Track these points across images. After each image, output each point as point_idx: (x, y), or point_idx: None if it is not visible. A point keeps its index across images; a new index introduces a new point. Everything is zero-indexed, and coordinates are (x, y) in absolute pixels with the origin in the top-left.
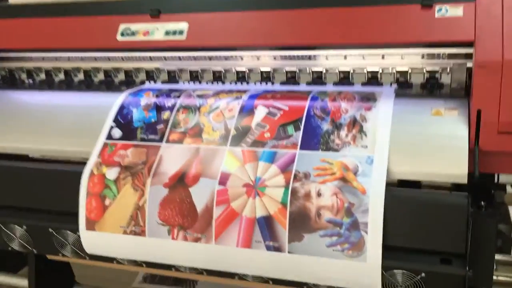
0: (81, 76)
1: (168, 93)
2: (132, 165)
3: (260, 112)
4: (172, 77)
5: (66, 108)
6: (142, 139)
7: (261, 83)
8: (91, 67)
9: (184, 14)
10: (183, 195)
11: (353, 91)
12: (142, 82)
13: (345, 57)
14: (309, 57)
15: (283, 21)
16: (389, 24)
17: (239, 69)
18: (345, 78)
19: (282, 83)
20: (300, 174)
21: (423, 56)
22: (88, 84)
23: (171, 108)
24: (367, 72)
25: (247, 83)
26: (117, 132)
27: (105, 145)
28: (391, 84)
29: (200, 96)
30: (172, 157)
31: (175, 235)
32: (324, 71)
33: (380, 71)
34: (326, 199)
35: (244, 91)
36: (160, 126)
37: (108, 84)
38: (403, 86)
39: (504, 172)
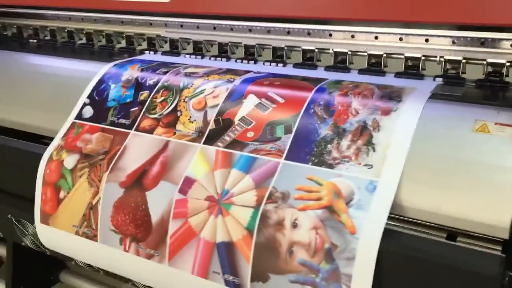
0: (84, 39)
1: (156, 68)
2: (93, 153)
3: (249, 102)
4: (175, 48)
5: (52, 76)
6: (111, 123)
7: (270, 63)
8: (93, 29)
9: None
10: (138, 199)
11: (377, 85)
12: (143, 52)
13: (376, 37)
14: (330, 34)
15: None
16: None
17: (247, 42)
18: (375, 65)
19: (297, 65)
20: (277, 193)
21: (483, 43)
22: (89, 49)
23: (151, 88)
24: (406, 58)
25: (255, 61)
26: (88, 111)
27: (72, 125)
28: (434, 78)
29: (187, 75)
30: (136, 150)
31: (127, 246)
32: (349, 53)
33: (423, 58)
34: (302, 233)
35: (245, 72)
36: (134, 109)
37: (109, 50)
38: (452, 81)
39: None
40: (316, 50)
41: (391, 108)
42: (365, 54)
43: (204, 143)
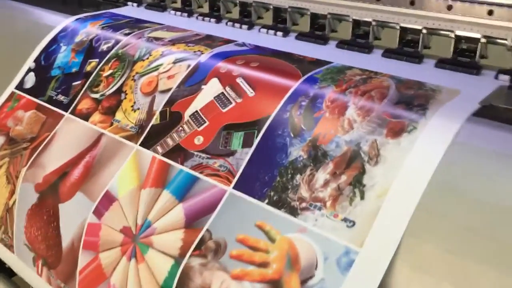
0: None
1: (119, 27)
2: (19, 138)
3: (209, 91)
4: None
5: (9, 27)
6: (49, 99)
7: (268, 30)
8: None
9: None
10: (51, 212)
11: (399, 79)
12: (126, 2)
13: (412, 2)
14: None
15: None
16: None
17: None
18: (409, 44)
19: (301, 35)
20: (210, 241)
21: None
22: None
23: (102, 55)
24: (456, 38)
25: (250, 26)
26: (30, 79)
27: (10, 95)
28: (497, 75)
29: (150, 40)
30: (65, 141)
31: (39, 270)
32: (373, 24)
33: (483, 40)
34: None
35: (224, 43)
36: (77, 82)
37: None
38: None
39: None
40: (329, 16)
41: (404, 125)
42: (397, 27)
43: (141, 144)
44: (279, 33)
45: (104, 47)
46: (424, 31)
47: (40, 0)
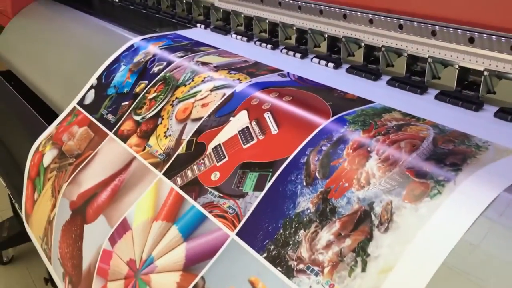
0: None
1: (177, 49)
2: (68, 153)
3: (235, 123)
4: (226, 22)
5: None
6: (101, 117)
7: (319, 61)
8: None
9: None
10: (78, 232)
11: (441, 129)
12: (195, 24)
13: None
14: (401, 26)
15: None
16: None
17: (298, 24)
18: (470, 87)
19: (351, 69)
20: None
21: None
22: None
23: (151, 77)
24: None
25: (304, 54)
26: (90, 96)
27: (72, 110)
28: None
29: (198, 64)
30: (103, 161)
31: (66, 287)
32: (429, 61)
33: None
34: None
35: (269, 72)
36: (125, 103)
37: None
38: None
39: None
40: (383, 49)
41: (427, 188)
42: (457, 66)
43: (164, 173)
44: (331, 65)
45: (155, 69)
46: (486, 73)
47: (119, 17)
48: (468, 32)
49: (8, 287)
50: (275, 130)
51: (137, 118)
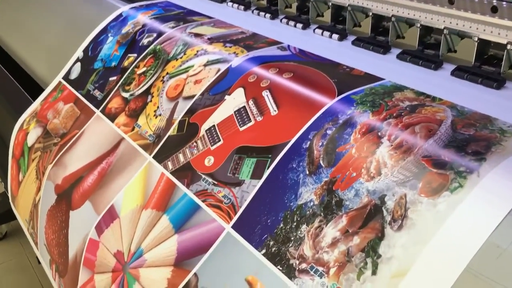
0: None
1: (169, 18)
2: (53, 132)
3: (231, 103)
4: None
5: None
6: (87, 93)
7: (323, 32)
8: None
9: None
10: (63, 218)
11: (460, 110)
12: None
13: (494, 8)
14: None
15: None
16: None
17: None
18: (490, 61)
19: (357, 41)
20: None
21: None
22: None
23: (141, 50)
24: None
25: (306, 25)
26: (76, 70)
27: (57, 85)
28: None
29: (190, 36)
30: (89, 141)
31: (53, 275)
32: (445, 32)
33: None
34: None
35: (267, 44)
36: (112, 78)
37: None
38: None
39: None
40: (393, 19)
41: (446, 180)
42: (476, 39)
43: (154, 156)
44: (335, 36)
45: (145, 41)
46: (510, 46)
47: None
48: (490, 0)
49: (2, 264)
50: (275, 110)
51: (126, 95)
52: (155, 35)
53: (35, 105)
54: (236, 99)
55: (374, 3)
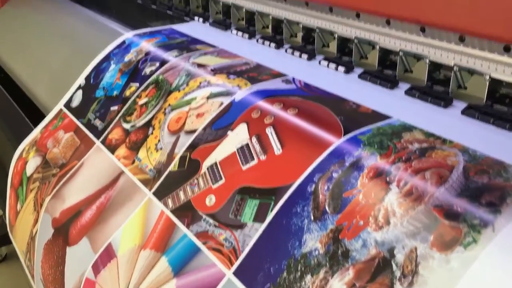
0: None
1: (172, 47)
2: (52, 162)
3: (233, 139)
4: (226, 16)
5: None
6: (88, 122)
7: (328, 64)
8: None
9: None
10: (60, 253)
11: (472, 154)
12: (193, 17)
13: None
14: (422, 29)
15: None
16: None
17: (306, 22)
18: (498, 100)
19: (364, 74)
20: None
21: None
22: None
23: (143, 79)
24: None
25: (312, 55)
26: (77, 98)
27: (58, 113)
28: None
29: (194, 66)
30: (89, 173)
31: None
32: (455, 69)
33: None
34: None
35: (271, 77)
36: (114, 108)
37: (160, 11)
38: None
39: None
40: (401, 53)
41: (459, 234)
42: (487, 77)
43: (154, 193)
44: (341, 69)
45: (147, 70)
46: None
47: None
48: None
49: (1, 287)
50: (279, 150)
51: (127, 126)
52: (157, 64)
53: (35, 132)
54: (239, 135)
55: (381, 36)
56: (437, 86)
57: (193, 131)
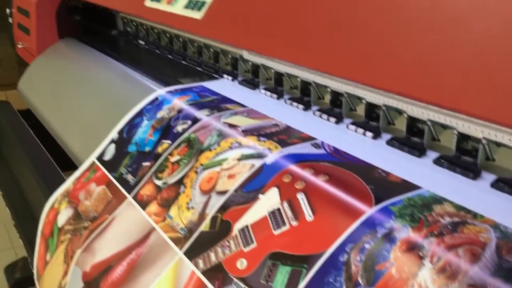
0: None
1: (202, 105)
2: (84, 215)
3: (265, 203)
4: (254, 75)
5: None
6: (120, 176)
7: (356, 129)
8: (188, 37)
9: None
10: None
11: (504, 230)
12: (222, 74)
13: None
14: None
15: None
16: None
17: (334, 86)
18: None
19: (393, 141)
20: None
21: None
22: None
23: (175, 137)
24: None
25: (339, 119)
26: (110, 151)
27: (91, 165)
28: None
29: (225, 126)
30: (120, 228)
31: None
32: (483, 142)
33: None
34: None
35: (300, 140)
36: (146, 163)
37: (190, 66)
38: None
39: None
40: (429, 122)
41: None
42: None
43: (185, 252)
44: (369, 134)
45: (179, 127)
46: None
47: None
48: None
49: None
50: (310, 216)
51: (158, 182)
52: (189, 122)
53: (68, 184)
54: (270, 200)
55: (409, 106)
56: (465, 157)
57: (224, 192)
